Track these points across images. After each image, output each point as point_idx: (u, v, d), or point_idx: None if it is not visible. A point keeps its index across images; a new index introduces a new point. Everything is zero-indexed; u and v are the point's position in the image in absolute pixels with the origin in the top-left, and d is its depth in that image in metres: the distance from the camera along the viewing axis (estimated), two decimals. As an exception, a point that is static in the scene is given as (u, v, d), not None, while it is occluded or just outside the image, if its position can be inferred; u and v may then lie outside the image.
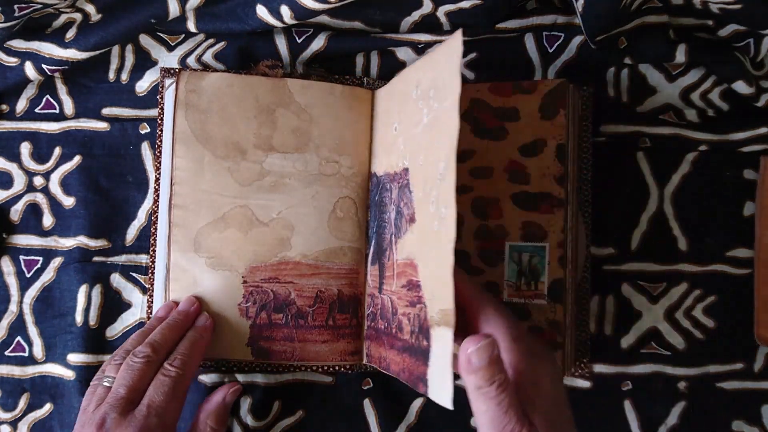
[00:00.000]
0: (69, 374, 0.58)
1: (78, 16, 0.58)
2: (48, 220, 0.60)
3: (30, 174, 0.60)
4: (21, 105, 0.60)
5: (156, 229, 0.56)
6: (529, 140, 0.54)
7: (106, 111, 0.60)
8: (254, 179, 0.55)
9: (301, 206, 0.56)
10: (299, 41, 0.59)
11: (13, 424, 0.59)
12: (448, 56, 0.42)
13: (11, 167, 0.60)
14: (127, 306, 0.59)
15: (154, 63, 0.60)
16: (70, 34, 0.57)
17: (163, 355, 0.50)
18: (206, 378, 0.58)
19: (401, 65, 0.60)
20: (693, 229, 0.59)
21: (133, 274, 0.59)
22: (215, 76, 0.55)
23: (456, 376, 0.40)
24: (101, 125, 0.60)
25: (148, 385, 0.48)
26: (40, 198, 0.60)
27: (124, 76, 0.60)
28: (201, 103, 0.55)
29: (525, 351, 0.41)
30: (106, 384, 0.49)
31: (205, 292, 0.55)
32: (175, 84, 0.55)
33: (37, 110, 0.60)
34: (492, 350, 0.40)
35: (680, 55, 0.57)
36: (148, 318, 0.56)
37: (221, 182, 0.55)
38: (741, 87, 0.57)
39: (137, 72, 0.60)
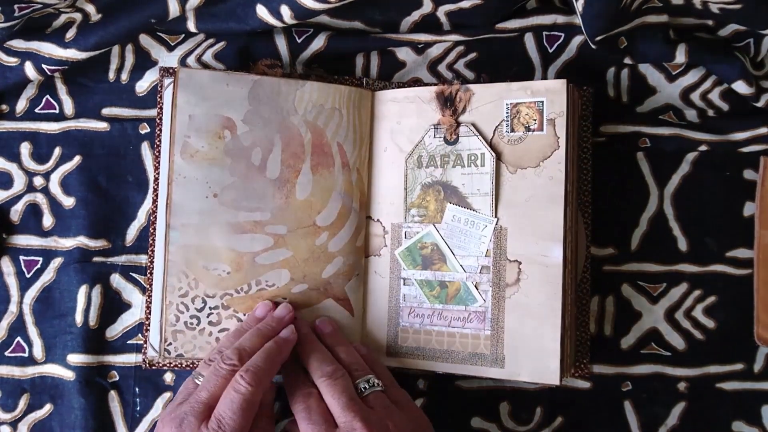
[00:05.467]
0: (69, 375, 0.58)
1: (78, 16, 0.58)
2: (48, 221, 0.60)
3: (30, 174, 0.60)
4: (21, 105, 0.60)
5: (155, 229, 0.56)
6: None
7: (106, 111, 0.60)
8: (254, 179, 0.56)
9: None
10: (299, 41, 0.59)
11: (13, 424, 0.59)
12: None
13: (11, 167, 0.60)
14: (127, 306, 0.59)
15: (154, 63, 0.60)
16: (70, 34, 0.57)
17: None
18: (206, 378, 0.58)
19: (401, 65, 0.60)
20: (693, 230, 0.59)
21: (133, 275, 0.59)
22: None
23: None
24: (101, 125, 0.60)
25: None
26: (40, 198, 0.60)
27: (124, 76, 0.60)
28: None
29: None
30: (198, 381, 0.50)
31: (205, 292, 0.55)
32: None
33: (37, 110, 0.60)
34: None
35: (680, 55, 0.57)
36: (147, 318, 0.56)
37: (221, 182, 0.55)
38: (741, 87, 0.57)
39: (137, 72, 0.60)
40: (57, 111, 0.60)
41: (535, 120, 0.54)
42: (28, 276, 0.60)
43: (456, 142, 0.55)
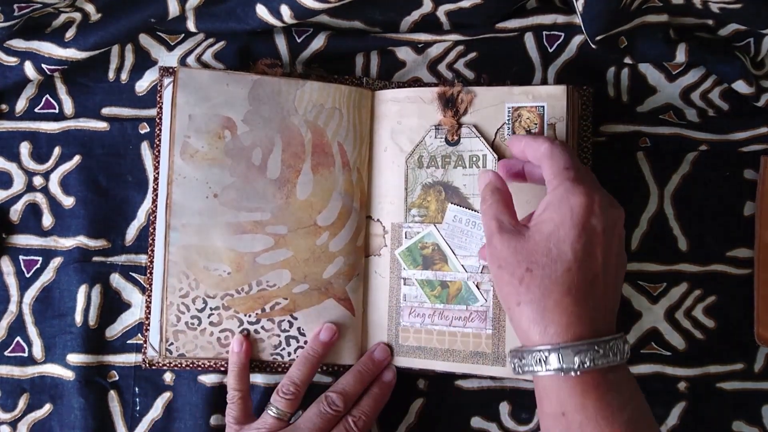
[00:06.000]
0: (68, 374, 0.58)
1: (78, 16, 0.57)
2: (47, 220, 0.60)
3: (29, 174, 0.60)
4: (21, 105, 0.60)
5: (155, 229, 0.56)
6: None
7: (106, 111, 0.60)
8: (254, 179, 0.55)
9: (300, 206, 0.56)
10: (299, 41, 0.59)
11: (13, 424, 0.59)
12: None
13: (11, 167, 0.60)
14: (126, 306, 0.59)
15: (154, 63, 0.60)
16: (70, 33, 0.57)
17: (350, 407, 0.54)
18: (206, 378, 0.58)
19: (401, 65, 0.60)
20: (693, 229, 0.59)
21: (133, 274, 0.59)
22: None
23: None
24: (101, 125, 0.60)
25: None
26: (39, 198, 0.60)
27: (124, 76, 0.60)
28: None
29: (553, 190, 0.44)
30: (272, 414, 0.53)
31: (205, 292, 0.55)
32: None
33: (36, 110, 0.60)
34: (484, 180, 0.49)
35: (680, 55, 0.57)
36: (147, 318, 0.56)
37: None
38: (741, 87, 0.57)
39: (137, 72, 0.60)
40: (57, 111, 0.60)
41: (536, 124, 0.54)
42: (27, 276, 0.60)
43: (457, 143, 0.56)
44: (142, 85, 0.60)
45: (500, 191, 0.48)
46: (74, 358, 0.58)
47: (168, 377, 0.59)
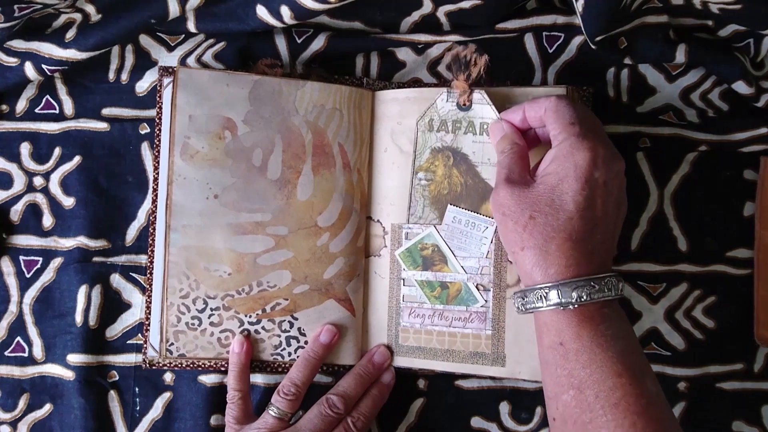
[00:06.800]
0: (69, 374, 0.58)
1: (78, 16, 0.57)
2: (48, 221, 0.60)
3: (30, 174, 0.60)
4: (21, 105, 0.60)
5: (155, 229, 0.56)
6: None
7: (106, 111, 0.60)
8: (254, 179, 0.55)
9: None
10: (299, 41, 0.59)
11: (13, 424, 0.59)
12: None
13: (11, 167, 0.60)
14: (126, 306, 0.59)
15: (154, 63, 0.60)
16: (70, 34, 0.57)
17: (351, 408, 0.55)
18: (206, 378, 0.58)
19: (401, 65, 0.60)
20: (693, 229, 0.59)
21: (133, 275, 0.59)
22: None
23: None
24: (101, 125, 0.60)
25: None
26: (39, 198, 0.60)
27: (124, 77, 0.60)
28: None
29: (559, 144, 0.47)
30: (273, 414, 0.53)
31: (205, 292, 0.55)
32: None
33: (37, 110, 0.60)
34: (499, 131, 0.52)
35: (680, 55, 0.57)
36: (147, 318, 0.56)
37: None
38: (741, 87, 0.57)
39: (137, 72, 0.60)
40: (57, 111, 0.60)
41: None
42: (28, 276, 0.60)
43: (469, 109, 0.55)
44: (142, 86, 0.60)
45: (518, 145, 0.50)
46: (74, 358, 0.58)
47: (168, 377, 0.59)
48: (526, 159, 0.50)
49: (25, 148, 0.60)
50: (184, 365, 0.56)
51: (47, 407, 0.59)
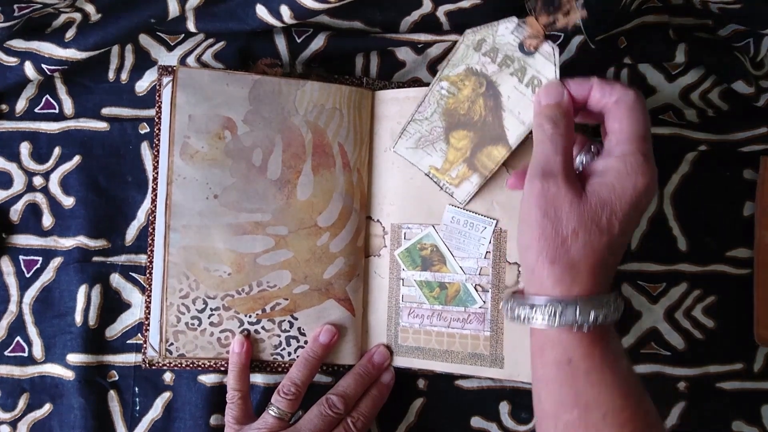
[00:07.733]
0: (68, 374, 0.58)
1: (78, 16, 0.57)
2: (48, 220, 0.60)
3: (29, 174, 0.60)
4: (21, 105, 0.60)
5: (154, 229, 0.56)
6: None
7: (106, 111, 0.60)
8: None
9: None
10: (299, 41, 0.59)
11: (13, 424, 0.59)
12: None
13: (11, 167, 0.60)
14: (126, 306, 0.59)
15: (154, 63, 0.60)
16: (70, 33, 0.57)
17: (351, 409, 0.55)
18: (206, 378, 0.58)
19: (401, 65, 0.60)
20: (693, 229, 0.59)
21: (133, 274, 0.59)
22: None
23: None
24: (101, 125, 0.60)
25: None
26: (39, 198, 0.60)
27: (124, 76, 0.60)
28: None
29: (623, 156, 0.42)
30: (273, 413, 0.53)
31: (205, 292, 0.55)
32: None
33: (36, 110, 0.60)
34: (560, 93, 0.45)
35: (680, 55, 0.57)
36: (147, 318, 0.56)
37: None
38: (741, 87, 0.57)
39: (137, 72, 0.60)
40: (57, 111, 0.60)
41: None
42: (27, 276, 0.60)
43: (529, 55, 0.48)
44: (142, 86, 0.60)
45: (569, 122, 0.44)
46: (74, 358, 0.58)
47: (168, 377, 0.59)
48: (572, 145, 0.45)
49: (24, 148, 0.60)
50: (183, 365, 0.56)
51: (47, 407, 0.59)
